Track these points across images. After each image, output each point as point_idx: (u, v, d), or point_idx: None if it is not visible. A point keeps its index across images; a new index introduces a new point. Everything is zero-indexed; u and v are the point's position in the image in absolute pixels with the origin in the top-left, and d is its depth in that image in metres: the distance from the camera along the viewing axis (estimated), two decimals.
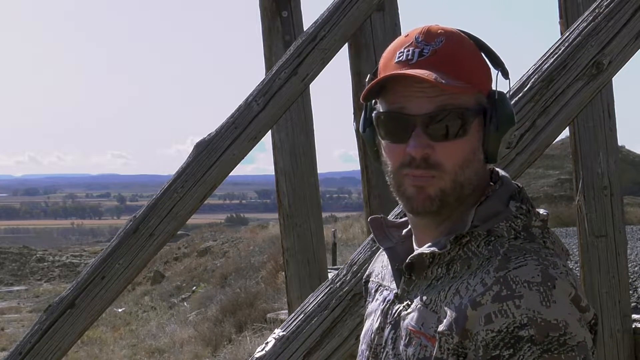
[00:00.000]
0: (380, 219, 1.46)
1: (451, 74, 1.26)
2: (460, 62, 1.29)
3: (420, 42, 1.30)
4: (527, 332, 1.17)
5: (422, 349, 1.26)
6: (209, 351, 11.23)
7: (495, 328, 1.18)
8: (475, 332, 1.20)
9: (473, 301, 1.21)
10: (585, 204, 4.45)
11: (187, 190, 3.27)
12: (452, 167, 1.28)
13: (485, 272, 1.23)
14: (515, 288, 1.19)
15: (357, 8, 3.44)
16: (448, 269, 1.29)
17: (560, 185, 19.64)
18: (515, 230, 1.29)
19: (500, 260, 1.23)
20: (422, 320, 1.27)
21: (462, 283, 1.25)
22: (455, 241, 1.29)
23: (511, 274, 1.20)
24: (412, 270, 1.33)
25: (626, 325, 4.46)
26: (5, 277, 28.91)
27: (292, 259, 4.96)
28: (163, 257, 23.37)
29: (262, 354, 2.34)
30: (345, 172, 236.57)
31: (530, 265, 1.21)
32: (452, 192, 1.29)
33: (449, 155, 1.28)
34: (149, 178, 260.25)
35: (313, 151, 4.98)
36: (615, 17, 2.32)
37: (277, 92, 3.36)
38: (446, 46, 1.29)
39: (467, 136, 1.29)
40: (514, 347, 1.17)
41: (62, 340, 3.22)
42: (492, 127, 1.31)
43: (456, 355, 1.22)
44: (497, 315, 1.18)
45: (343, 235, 17.49)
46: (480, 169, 1.33)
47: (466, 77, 1.28)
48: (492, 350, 1.18)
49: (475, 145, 1.31)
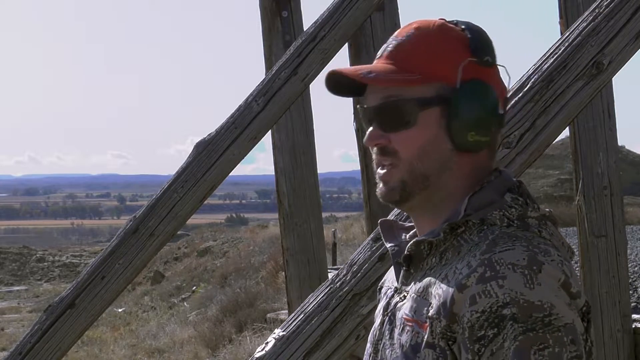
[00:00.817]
0: (391, 221, 1.48)
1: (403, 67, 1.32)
2: (415, 55, 1.33)
3: (394, 36, 1.37)
4: (509, 310, 1.18)
5: (415, 335, 1.27)
6: (209, 351, 11.23)
7: (480, 308, 1.19)
8: (462, 315, 1.21)
9: (459, 284, 1.22)
10: (585, 204, 4.45)
11: (187, 190, 3.27)
12: (406, 156, 1.33)
13: (472, 256, 1.25)
14: (499, 269, 1.20)
15: (357, 8, 3.44)
16: (441, 258, 1.31)
17: (560, 185, 19.65)
18: (508, 219, 1.30)
19: (488, 244, 1.25)
20: (415, 309, 1.29)
21: (450, 268, 1.27)
22: (451, 230, 1.30)
23: (496, 257, 1.22)
24: (410, 263, 1.35)
25: (626, 325, 4.46)
26: (5, 277, 28.91)
27: (292, 259, 4.95)
28: (163, 257, 23.36)
29: (262, 354, 2.34)
30: (345, 172, 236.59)
31: (518, 249, 1.23)
32: (413, 181, 1.33)
33: (402, 144, 1.33)
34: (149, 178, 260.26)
35: (313, 151, 4.98)
36: (615, 17, 2.32)
37: (277, 92, 3.36)
38: (411, 39, 1.34)
39: (417, 126, 1.32)
40: (498, 326, 1.18)
41: (62, 340, 3.22)
42: (453, 115, 1.32)
43: (445, 339, 1.23)
44: (481, 296, 1.20)
45: (343, 235, 17.48)
46: (453, 158, 1.33)
47: (421, 69, 1.31)
48: (477, 330, 1.19)
49: (433, 134, 1.32)
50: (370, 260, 2.30)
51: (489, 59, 1.34)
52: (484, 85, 1.33)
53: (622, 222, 4.51)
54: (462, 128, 1.32)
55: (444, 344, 1.23)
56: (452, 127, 1.32)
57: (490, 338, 1.18)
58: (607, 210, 4.43)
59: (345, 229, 19.10)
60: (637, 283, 6.82)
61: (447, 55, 1.33)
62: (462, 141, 1.32)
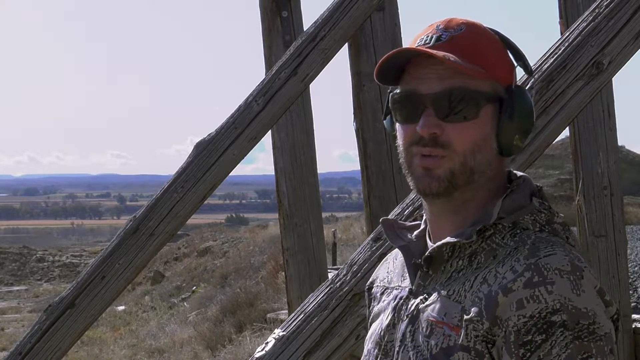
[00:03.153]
0: (391, 220, 1.46)
1: (467, 57, 1.28)
2: (478, 49, 1.30)
3: (440, 29, 1.32)
4: (559, 317, 1.17)
5: (446, 338, 1.25)
6: (209, 351, 11.23)
7: (527, 313, 1.18)
8: (506, 318, 1.20)
9: (504, 287, 1.21)
10: (585, 204, 4.45)
11: (187, 190, 3.27)
12: (461, 148, 1.29)
13: (515, 260, 1.23)
14: (547, 275, 1.19)
15: (357, 8, 3.43)
16: (470, 261, 1.29)
17: (560, 185, 19.63)
18: (539, 224, 1.29)
19: (530, 248, 1.24)
20: (444, 311, 1.27)
21: (489, 272, 1.25)
22: (479, 233, 1.29)
23: (542, 261, 1.21)
24: (430, 264, 1.33)
25: (626, 325, 4.46)
26: (5, 277, 28.91)
27: (292, 259, 4.95)
28: (163, 257, 23.37)
29: (262, 354, 2.34)
30: (345, 172, 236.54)
31: (560, 254, 1.22)
32: (462, 174, 1.30)
33: (458, 136, 1.29)
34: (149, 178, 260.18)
35: (313, 151, 4.98)
36: (615, 17, 2.32)
37: (277, 92, 3.36)
38: (465, 33, 1.31)
39: (477, 120, 1.29)
40: (547, 332, 1.17)
41: (62, 340, 3.22)
42: (506, 117, 1.31)
43: (485, 342, 1.22)
44: (529, 300, 1.19)
45: (343, 235, 17.47)
46: (493, 159, 1.33)
47: (482, 62, 1.29)
48: (524, 335, 1.18)
49: (487, 132, 1.31)
50: (370, 260, 2.30)
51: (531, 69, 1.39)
52: (527, 92, 1.34)
53: (622, 222, 4.51)
54: (511, 130, 1.31)
55: (482, 347, 1.22)
56: (503, 128, 1.31)
57: (538, 344, 1.17)
58: (607, 210, 4.43)
59: (345, 229, 19.08)
60: (637, 283, 6.82)
61: (504, 55, 1.34)
62: (508, 143, 1.32)
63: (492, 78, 1.31)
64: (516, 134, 1.31)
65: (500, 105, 1.31)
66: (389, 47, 4.57)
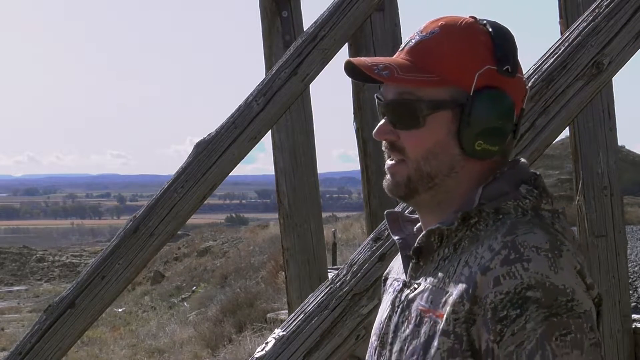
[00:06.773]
0: (397, 213, 1.48)
1: (419, 64, 1.30)
2: (435, 55, 1.31)
3: (419, 31, 1.34)
4: (534, 293, 1.18)
5: (432, 325, 1.27)
6: (209, 351, 11.23)
7: (504, 290, 1.19)
8: (484, 296, 1.20)
9: (482, 267, 1.22)
10: (585, 204, 4.45)
11: (187, 190, 3.27)
12: (413, 155, 1.32)
13: (493, 239, 1.25)
14: (523, 252, 1.21)
15: (357, 8, 3.44)
16: (455, 249, 1.30)
17: (560, 185, 19.63)
18: (522, 209, 1.29)
19: (508, 227, 1.25)
20: (431, 299, 1.29)
21: (470, 255, 1.26)
22: (463, 220, 1.30)
23: (519, 239, 1.22)
24: (420, 255, 1.35)
25: (626, 325, 4.46)
26: (5, 277, 28.91)
27: (292, 259, 4.95)
28: (163, 257, 23.37)
29: (262, 354, 2.34)
30: (345, 172, 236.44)
31: (539, 234, 1.23)
32: (419, 180, 1.33)
33: (409, 143, 1.33)
34: (149, 178, 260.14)
35: (313, 151, 4.98)
36: (615, 17, 2.32)
37: (277, 92, 3.36)
38: (433, 37, 1.32)
39: (426, 127, 1.31)
40: (521, 307, 1.18)
41: (62, 340, 3.22)
42: (464, 123, 1.30)
43: (465, 323, 1.22)
44: (505, 277, 1.20)
45: (343, 235, 17.47)
46: (458, 162, 1.32)
47: (438, 70, 1.30)
48: (500, 311, 1.19)
49: (441, 139, 1.32)
50: (370, 260, 2.30)
51: (508, 68, 1.31)
52: (499, 94, 1.31)
53: (622, 222, 4.51)
54: (470, 136, 1.31)
55: (461, 329, 1.22)
56: (461, 134, 1.31)
57: (513, 319, 1.18)
58: (607, 210, 4.43)
59: (345, 229, 19.08)
60: (637, 283, 6.82)
61: (467, 59, 1.31)
62: (470, 149, 1.31)
63: (448, 84, 1.30)
64: (477, 139, 1.30)
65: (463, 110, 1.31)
66: (389, 47, 4.57)
